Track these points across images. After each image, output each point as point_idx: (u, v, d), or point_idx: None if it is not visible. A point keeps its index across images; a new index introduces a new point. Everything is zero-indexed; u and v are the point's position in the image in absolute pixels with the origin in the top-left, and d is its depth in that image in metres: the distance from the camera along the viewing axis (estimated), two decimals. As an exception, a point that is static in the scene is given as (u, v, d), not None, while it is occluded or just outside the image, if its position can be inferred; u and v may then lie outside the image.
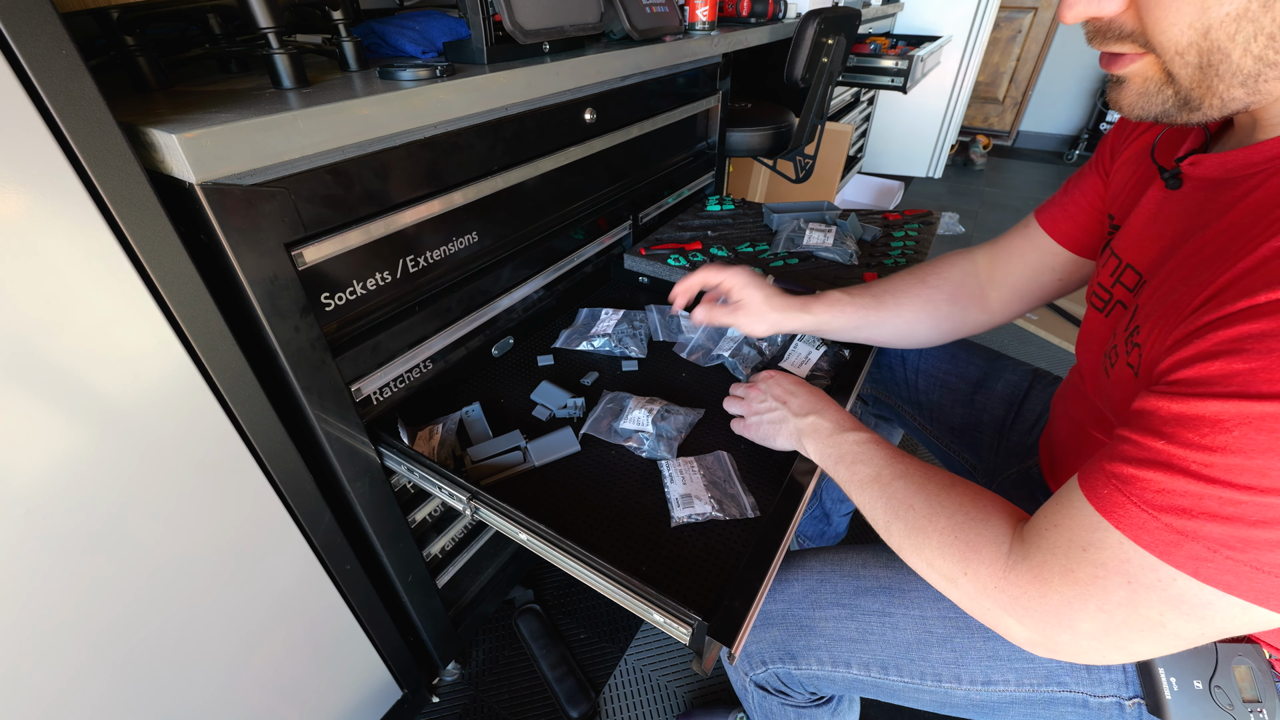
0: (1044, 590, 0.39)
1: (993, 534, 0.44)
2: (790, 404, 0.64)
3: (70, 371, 0.42)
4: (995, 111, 4.03)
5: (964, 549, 0.44)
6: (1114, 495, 0.36)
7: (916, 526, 0.48)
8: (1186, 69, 0.35)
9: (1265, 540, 0.30)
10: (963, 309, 0.73)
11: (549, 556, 0.56)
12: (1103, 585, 0.36)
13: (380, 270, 0.62)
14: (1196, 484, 0.32)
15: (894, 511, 0.50)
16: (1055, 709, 0.54)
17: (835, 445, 0.58)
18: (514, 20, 0.67)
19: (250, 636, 0.64)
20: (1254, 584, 0.31)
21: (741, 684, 0.69)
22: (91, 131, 0.37)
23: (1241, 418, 0.30)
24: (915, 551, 0.48)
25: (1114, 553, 0.35)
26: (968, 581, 0.44)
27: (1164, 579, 0.34)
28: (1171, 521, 0.33)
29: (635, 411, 0.73)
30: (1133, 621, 0.36)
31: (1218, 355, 0.32)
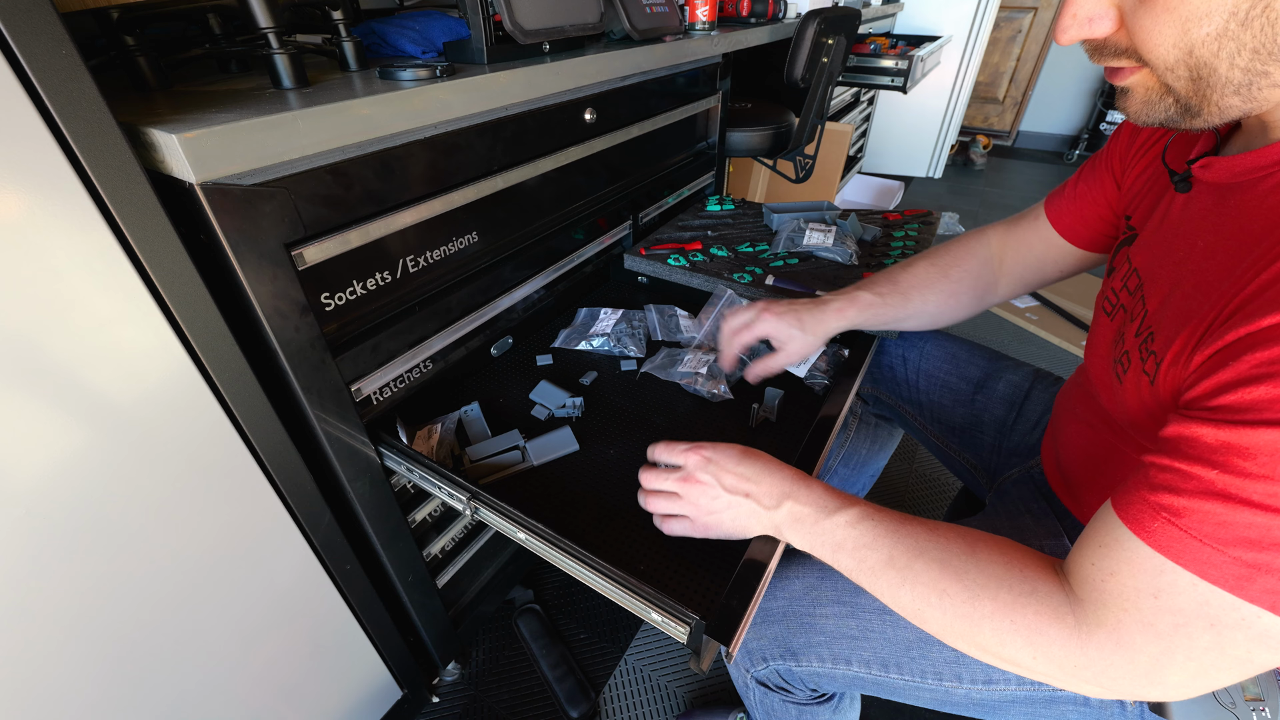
0: (1129, 655, 0.37)
1: (1049, 605, 0.40)
2: (755, 494, 0.53)
3: (70, 371, 0.42)
4: (995, 111, 4.03)
5: (1026, 632, 0.40)
6: (1170, 530, 0.34)
7: (959, 615, 0.43)
8: (1180, 82, 0.36)
9: None
10: (979, 296, 0.76)
11: (547, 556, 0.56)
12: (1187, 634, 0.35)
13: (380, 270, 0.62)
14: (1263, 515, 0.31)
15: (924, 600, 0.44)
16: (1056, 708, 0.54)
17: (828, 534, 0.50)
18: (514, 20, 0.67)
19: (250, 636, 0.64)
20: None
21: (743, 681, 0.70)
22: (91, 131, 0.38)
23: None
24: (966, 641, 0.43)
25: (1189, 596, 0.34)
26: (1042, 664, 0.40)
27: (1247, 617, 0.33)
28: (1241, 555, 0.32)
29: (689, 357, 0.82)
30: (1221, 664, 0.35)
31: (1258, 380, 0.32)
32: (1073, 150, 3.76)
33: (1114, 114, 3.48)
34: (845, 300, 0.75)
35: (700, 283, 0.98)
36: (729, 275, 0.96)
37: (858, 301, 0.74)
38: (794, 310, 0.74)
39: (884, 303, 0.74)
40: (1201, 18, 0.33)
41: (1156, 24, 0.34)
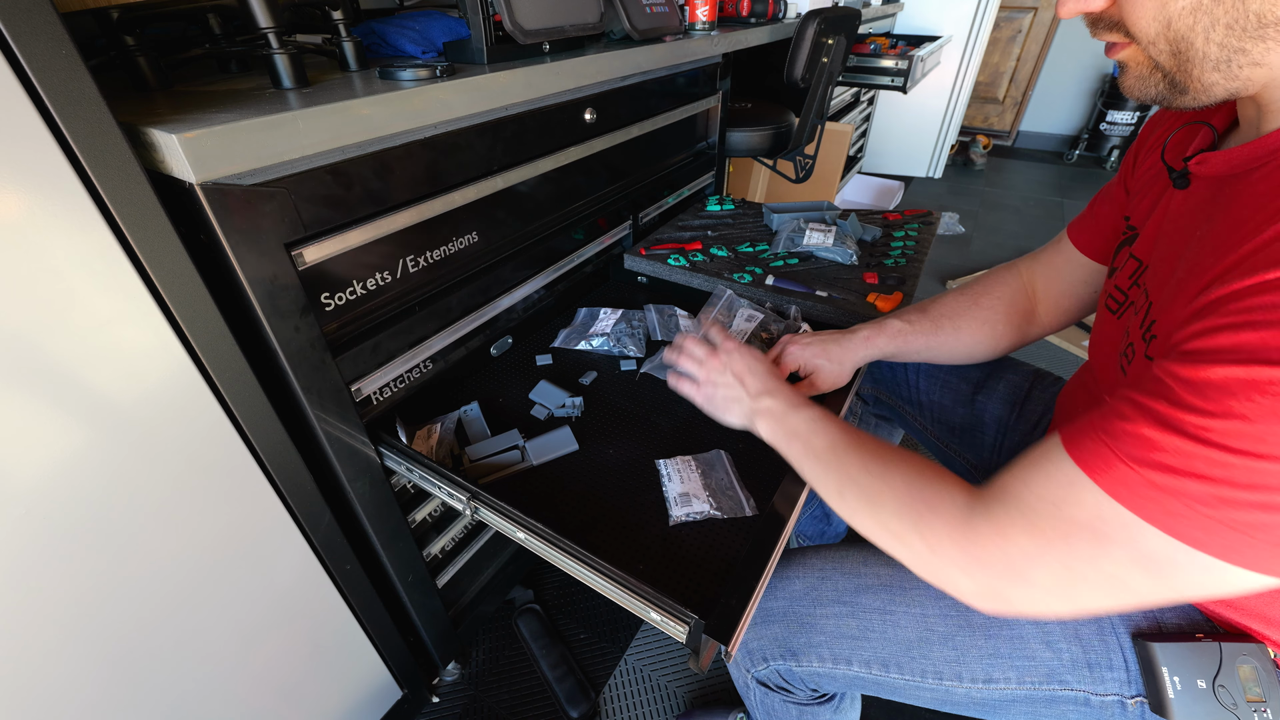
0: (1004, 544, 0.39)
1: (950, 493, 0.44)
2: (747, 383, 0.63)
3: (70, 371, 0.42)
4: (995, 111, 4.03)
5: (920, 506, 0.44)
6: (1100, 449, 0.36)
7: (870, 490, 0.48)
8: (1163, 56, 0.38)
9: (1247, 501, 0.31)
10: (1017, 326, 0.74)
11: (547, 555, 0.56)
12: (1069, 542, 0.37)
13: (380, 270, 0.62)
14: (1189, 444, 0.32)
15: (847, 477, 0.50)
16: (1057, 707, 0.54)
17: (787, 422, 0.58)
18: (514, 20, 0.68)
19: (250, 636, 0.64)
20: (1224, 540, 0.32)
21: (743, 681, 0.70)
22: (91, 131, 0.38)
23: (1249, 383, 0.31)
24: (869, 514, 0.48)
25: (1089, 509, 0.36)
26: (920, 540, 0.44)
27: (1136, 535, 0.34)
28: (1155, 478, 0.33)
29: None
30: (1092, 577, 0.36)
31: (1227, 329, 0.33)
32: (1073, 150, 3.76)
33: (1114, 114, 3.48)
34: (873, 329, 0.74)
35: (700, 283, 0.98)
36: (729, 275, 0.96)
37: (886, 329, 0.73)
38: (820, 341, 0.73)
39: (913, 329, 0.73)
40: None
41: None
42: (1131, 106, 3.40)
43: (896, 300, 0.87)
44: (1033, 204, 3.11)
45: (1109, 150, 3.59)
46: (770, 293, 0.92)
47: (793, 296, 0.91)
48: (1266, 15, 0.33)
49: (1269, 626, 0.48)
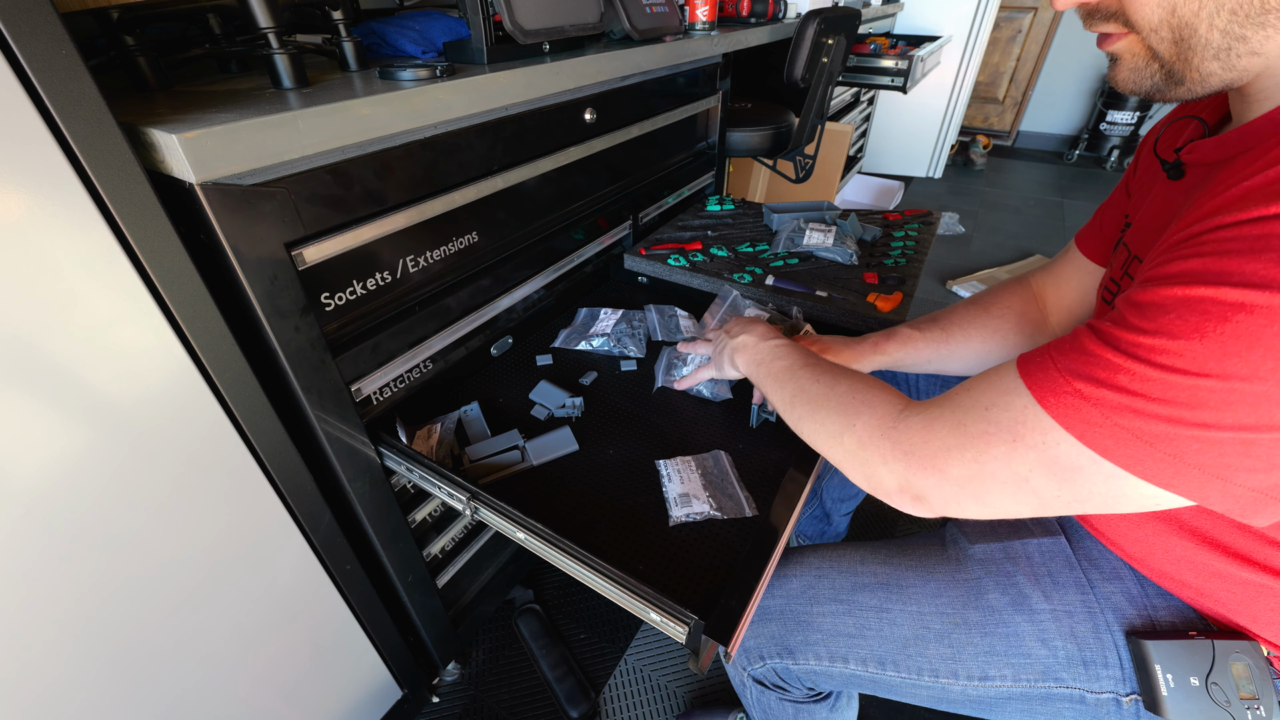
0: (927, 436, 0.42)
1: (890, 397, 0.48)
2: (732, 331, 0.69)
3: (70, 371, 0.42)
4: (995, 111, 4.03)
5: (858, 404, 0.48)
6: (1044, 363, 0.38)
7: (816, 395, 0.52)
8: (1163, 44, 0.38)
9: (1158, 415, 0.32)
10: (1029, 335, 0.74)
11: (546, 555, 0.56)
12: (988, 440, 0.39)
13: (380, 270, 0.62)
14: (1120, 358, 0.34)
15: (799, 388, 0.55)
16: (1052, 705, 0.54)
17: (757, 351, 0.63)
18: (514, 20, 0.68)
19: (250, 636, 0.64)
20: (1129, 450, 0.34)
21: (740, 679, 0.70)
22: (91, 131, 0.38)
23: (1184, 301, 0.32)
24: (811, 416, 0.51)
25: (1013, 413, 0.38)
26: (851, 435, 0.47)
27: (1049, 440, 0.36)
28: (1082, 388, 0.35)
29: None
30: (1000, 474, 0.39)
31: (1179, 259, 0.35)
32: (1073, 150, 3.76)
33: (1114, 114, 3.48)
34: (882, 336, 0.73)
35: (700, 283, 0.98)
36: (729, 275, 0.96)
37: (896, 336, 0.73)
38: (830, 343, 0.73)
39: (923, 337, 0.73)
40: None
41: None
42: (1131, 106, 3.40)
43: (896, 300, 0.87)
44: (1033, 204, 3.11)
45: (1109, 150, 3.59)
46: (770, 293, 0.92)
47: (793, 296, 0.91)
48: (1270, 1, 0.33)
49: (1258, 623, 0.48)
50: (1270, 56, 0.35)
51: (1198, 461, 0.32)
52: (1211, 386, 0.31)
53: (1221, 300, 0.31)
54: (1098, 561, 0.57)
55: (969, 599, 0.57)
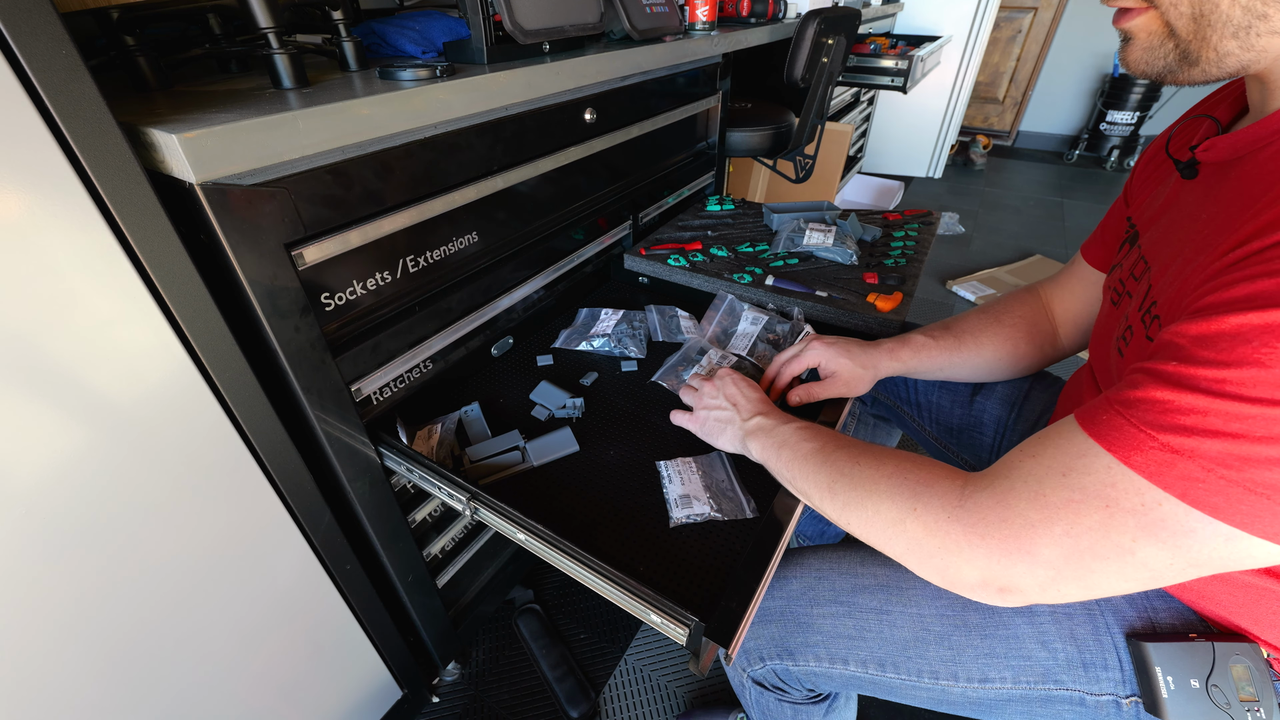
0: (1005, 514, 0.37)
1: (946, 473, 0.42)
2: (740, 407, 0.64)
3: (70, 371, 0.42)
4: (995, 111, 4.03)
5: (915, 485, 0.42)
6: (1114, 419, 0.34)
7: (861, 479, 0.46)
8: (1182, 20, 0.36)
9: (1266, 458, 0.29)
10: (1039, 345, 0.74)
11: (546, 556, 0.56)
12: (1076, 509, 0.34)
13: (380, 270, 0.62)
14: (1204, 399, 0.31)
15: (838, 471, 0.49)
16: (1052, 707, 0.54)
17: (777, 435, 0.58)
18: (514, 20, 0.67)
19: (250, 636, 0.64)
20: (1243, 506, 0.30)
21: (739, 680, 0.70)
22: (91, 131, 0.38)
23: (1265, 328, 0.29)
24: (861, 504, 0.46)
25: (1099, 476, 0.34)
26: (915, 520, 0.41)
27: (1148, 502, 0.32)
28: (1170, 440, 0.31)
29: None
30: (1100, 548, 0.34)
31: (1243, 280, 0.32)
32: (1073, 150, 3.76)
33: (1114, 113, 3.48)
34: (897, 342, 0.74)
35: (700, 283, 0.98)
36: (729, 275, 0.96)
37: (910, 343, 0.73)
38: (844, 342, 0.73)
39: (937, 344, 0.73)
40: None
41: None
42: (1131, 106, 3.41)
43: (896, 300, 0.87)
44: (1033, 204, 3.11)
45: (1109, 150, 3.59)
46: (770, 293, 0.92)
47: (793, 297, 0.91)
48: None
49: (1258, 626, 0.48)
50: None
51: None
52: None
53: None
54: None
55: (969, 601, 0.57)
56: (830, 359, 0.72)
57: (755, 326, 0.88)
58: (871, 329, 0.85)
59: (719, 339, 0.89)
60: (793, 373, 0.74)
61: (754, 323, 0.88)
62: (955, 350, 0.73)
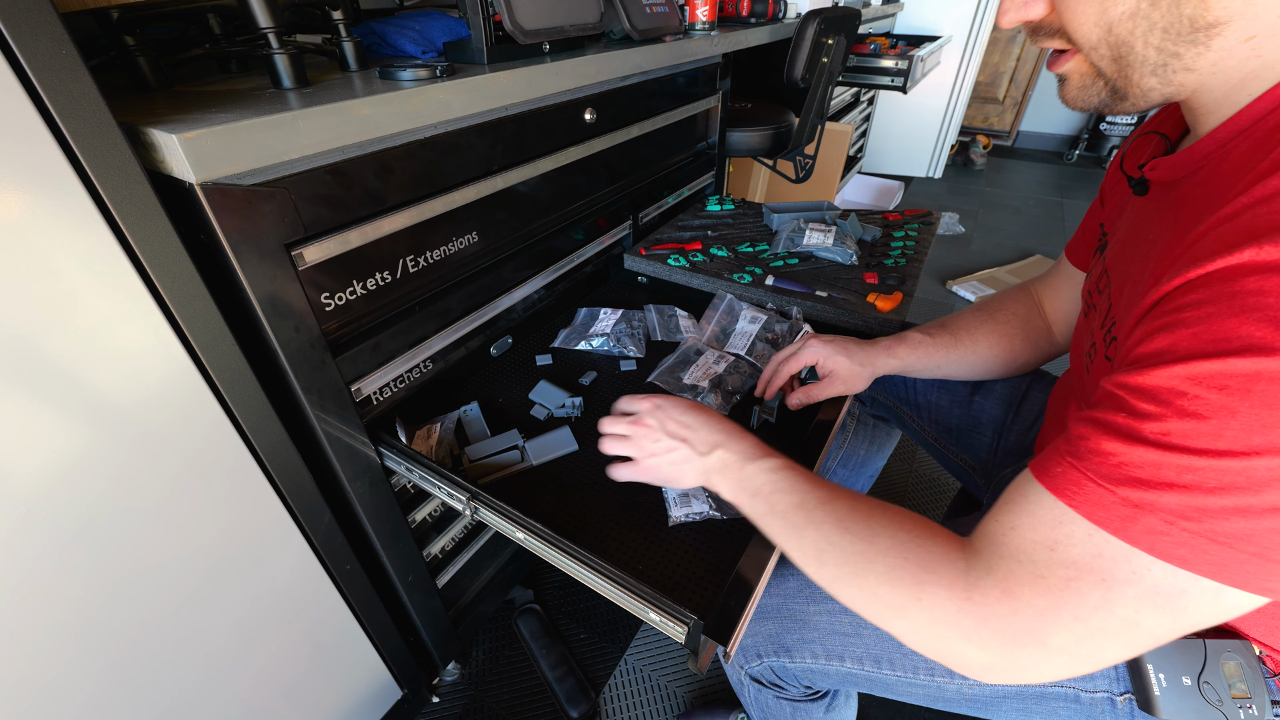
0: (1014, 606, 0.36)
1: (944, 551, 0.40)
2: (692, 440, 0.55)
3: (70, 371, 0.42)
4: (995, 111, 4.02)
5: (916, 570, 0.40)
6: (1069, 474, 0.35)
7: (855, 552, 0.43)
8: (1104, 61, 0.39)
9: (1221, 508, 0.30)
10: (1034, 343, 0.74)
11: (546, 555, 0.56)
12: (1077, 589, 0.34)
13: (380, 270, 0.62)
14: (1153, 452, 0.31)
15: (826, 538, 0.45)
16: (1047, 704, 0.54)
17: (749, 478, 0.51)
18: (514, 20, 0.68)
19: (250, 636, 0.64)
20: (1209, 556, 0.31)
21: (737, 678, 0.70)
22: (91, 131, 0.38)
23: (1193, 379, 0.30)
24: (855, 579, 0.43)
25: (1084, 547, 0.34)
26: (921, 610, 0.39)
27: (1138, 570, 0.33)
28: (1129, 495, 0.32)
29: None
30: (1108, 626, 0.34)
31: (1162, 330, 0.33)
32: (1073, 150, 3.76)
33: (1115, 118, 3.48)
34: (894, 340, 0.74)
35: (700, 283, 0.98)
36: (729, 275, 0.96)
37: (907, 340, 0.74)
38: (841, 341, 0.73)
39: (934, 342, 0.73)
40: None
41: (1079, 4, 0.38)
42: (1131, 106, 3.40)
43: (896, 300, 0.87)
44: (1033, 204, 3.11)
45: (1109, 150, 3.59)
46: (770, 293, 0.92)
47: (793, 296, 0.91)
48: (1198, 20, 0.34)
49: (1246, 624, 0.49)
50: (1203, 72, 0.36)
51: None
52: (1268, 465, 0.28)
53: (1234, 373, 0.29)
54: None
55: None
56: (827, 357, 0.72)
57: (754, 326, 0.88)
58: (871, 329, 0.85)
59: (718, 338, 0.89)
60: (790, 371, 0.74)
61: (753, 322, 0.88)
62: (952, 348, 0.74)
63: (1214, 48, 0.34)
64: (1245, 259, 0.29)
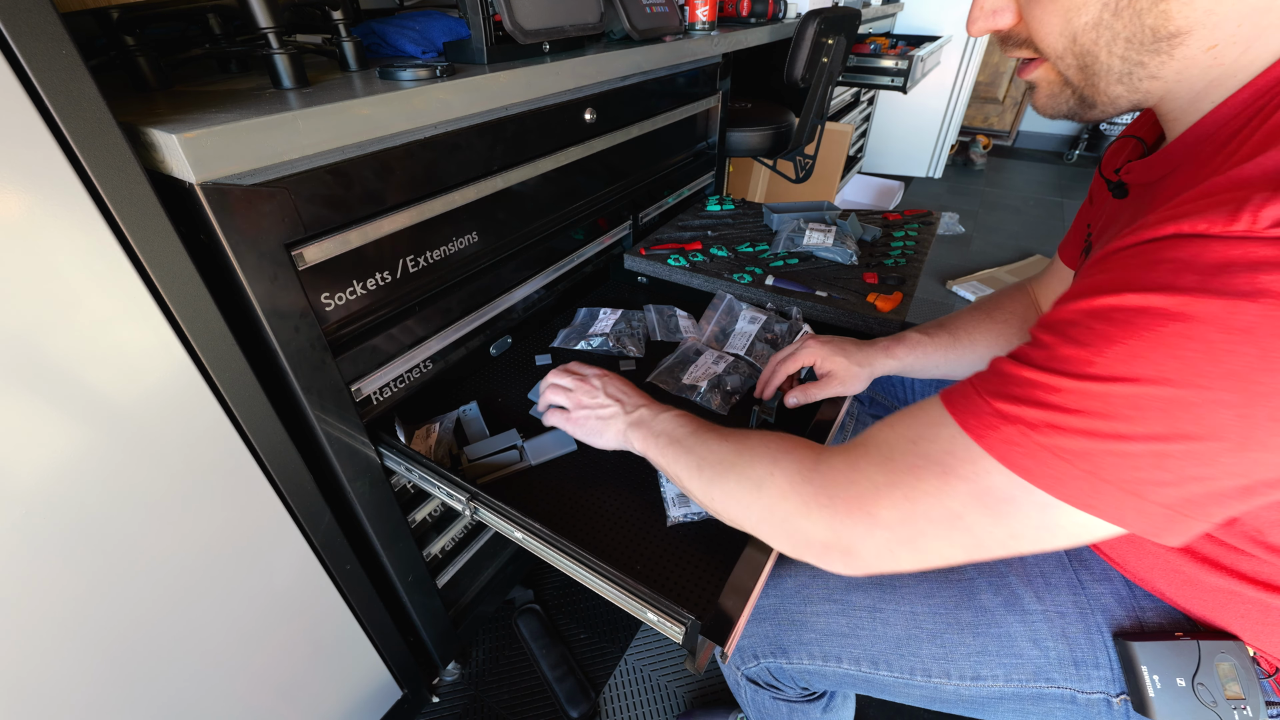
0: (853, 476, 0.40)
1: (808, 444, 0.45)
2: (624, 402, 0.63)
3: (70, 371, 0.42)
4: (995, 111, 4.02)
5: (775, 453, 0.45)
6: (964, 388, 0.38)
7: (727, 456, 0.49)
8: (1071, 70, 0.40)
9: (1073, 428, 0.32)
10: None
11: (544, 555, 0.57)
12: (917, 475, 0.37)
13: (380, 270, 0.62)
14: (1034, 372, 0.34)
15: (707, 451, 0.51)
16: (1044, 705, 0.54)
17: (657, 424, 0.58)
18: (514, 20, 0.68)
19: (250, 636, 0.64)
20: (1049, 470, 0.33)
21: (734, 679, 0.70)
22: (91, 131, 0.38)
23: (1086, 311, 0.33)
24: (723, 477, 0.48)
25: (942, 444, 0.37)
26: (772, 484, 0.44)
27: (980, 470, 0.35)
28: (1001, 406, 0.35)
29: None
30: (934, 513, 0.37)
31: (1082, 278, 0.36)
32: (1073, 150, 3.76)
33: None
34: (892, 340, 0.74)
35: (700, 283, 0.98)
36: (729, 275, 0.96)
37: (905, 340, 0.74)
38: (839, 341, 0.74)
39: (932, 341, 0.73)
40: (1080, 7, 0.36)
41: (1045, 14, 0.38)
42: (1132, 107, 3.40)
43: (896, 300, 0.87)
44: (1033, 204, 3.11)
45: (1109, 150, 3.59)
46: (770, 293, 0.92)
47: (793, 296, 0.91)
48: (1160, 30, 0.34)
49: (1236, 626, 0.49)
50: (1168, 79, 0.37)
51: (1114, 477, 0.32)
52: (1123, 392, 0.30)
53: (1125, 306, 0.31)
54: (1089, 563, 0.57)
55: (961, 599, 0.58)
56: (825, 357, 0.72)
57: (753, 326, 0.88)
58: (871, 329, 0.85)
59: (717, 338, 0.89)
60: (788, 371, 0.74)
61: (752, 322, 0.88)
62: (950, 347, 0.74)
63: (1177, 56, 0.35)
64: (1167, 232, 0.31)
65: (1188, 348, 0.29)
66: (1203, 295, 0.28)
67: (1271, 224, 0.27)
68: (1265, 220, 0.27)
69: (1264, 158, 0.30)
